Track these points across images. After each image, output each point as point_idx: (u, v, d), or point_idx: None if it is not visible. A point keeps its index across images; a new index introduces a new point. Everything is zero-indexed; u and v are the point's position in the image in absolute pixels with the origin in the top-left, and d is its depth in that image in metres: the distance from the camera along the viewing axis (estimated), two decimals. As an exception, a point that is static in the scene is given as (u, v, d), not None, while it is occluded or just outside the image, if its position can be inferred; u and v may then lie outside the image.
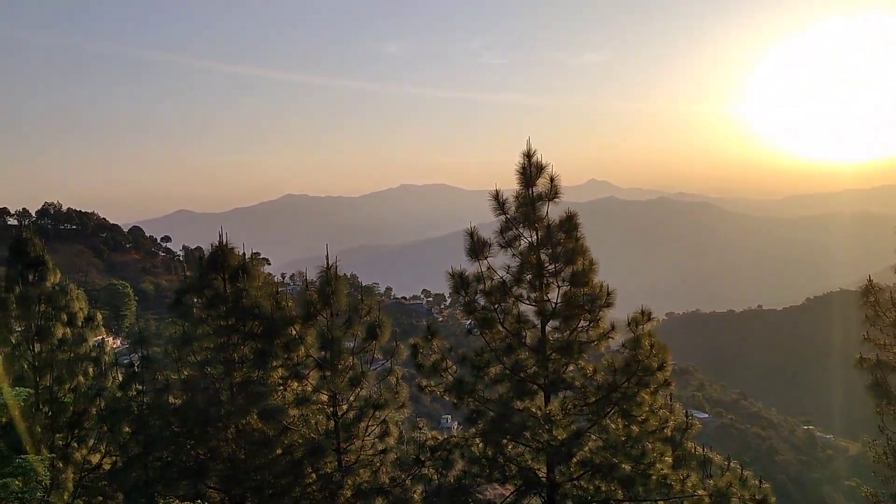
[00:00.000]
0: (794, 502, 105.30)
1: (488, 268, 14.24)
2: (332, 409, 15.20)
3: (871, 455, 16.02)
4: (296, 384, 15.31)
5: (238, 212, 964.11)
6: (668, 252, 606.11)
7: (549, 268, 13.87)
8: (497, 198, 14.05)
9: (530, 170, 13.69)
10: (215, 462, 15.46)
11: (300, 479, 15.10)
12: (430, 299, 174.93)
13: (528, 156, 13.67)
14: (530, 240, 13.96)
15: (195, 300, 15.96)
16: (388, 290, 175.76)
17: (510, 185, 14.01)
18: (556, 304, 13.84)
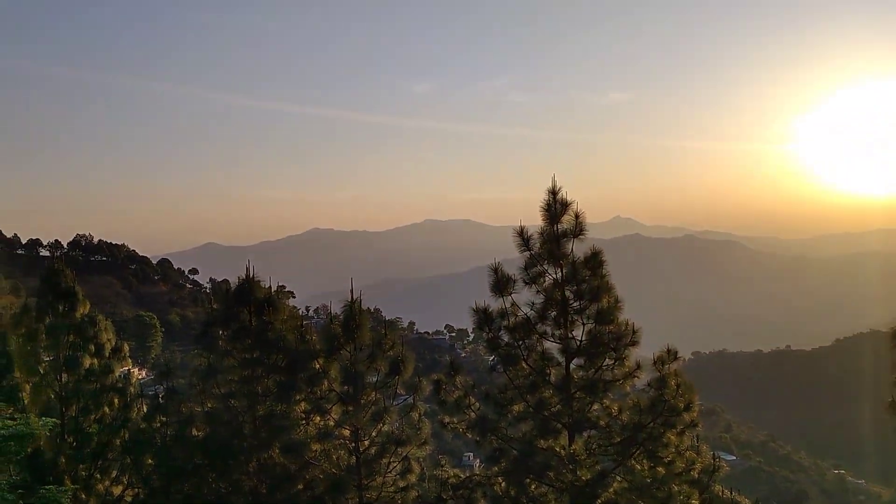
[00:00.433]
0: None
1: (512, 304, 14.19)
2: (353, 444, 15.11)
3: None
4: (318, 418, 15.28)
5: (264, 245, 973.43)
6: (694, 290, 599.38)
7: (574, 305, 13.80)
8: (522, 234, 14.06)
9: (555, 206, 13.70)
10: (237, 496, 15.39)
11: (321, 516, 14.97)
12: (453, 335, 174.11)
13: (553, 192, 13.71)
14: (555, 276, 13.91)
15: (221, 332, 16.08)
16: (411, 324, 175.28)
17: (535, 221, 13.94)
18: (580, 341, 13.74)
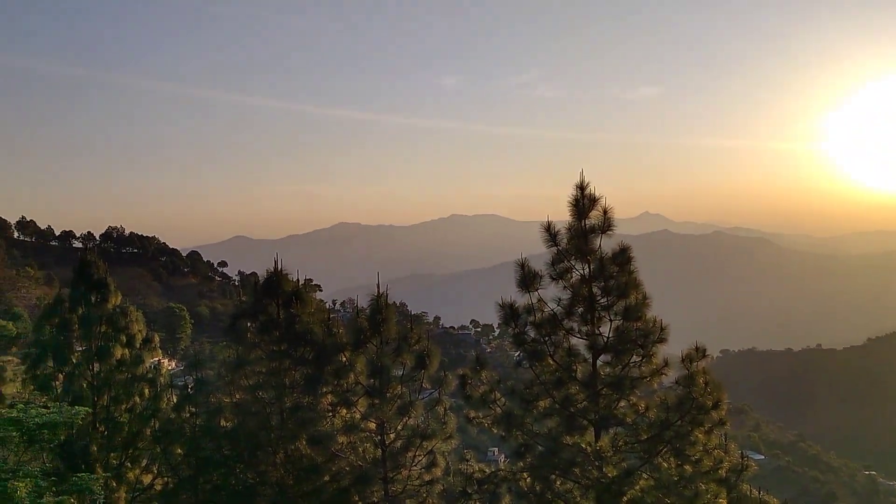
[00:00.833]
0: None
1: (539, 300, 14.11)
2: (379, 437, 15.20)
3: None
4: (345, 411, 15.38)
5: (292, 238, 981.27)
6: (723, 287, 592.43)
7: (602, 301, 13.70)
8: (549, 229, 13.95)
9: (583, 201, 13.60)
10: (264, 487, 15.57)
11: (346, 508, 15.07)
12: (479, 330, 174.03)
13: (582, 187, 13.60)
14: (582, 272, 13.81)
15: (249, 325, 16.24)
16: (437, 319, 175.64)
17: (562, 216, 13.90)
18: (607, 338, 13.64)
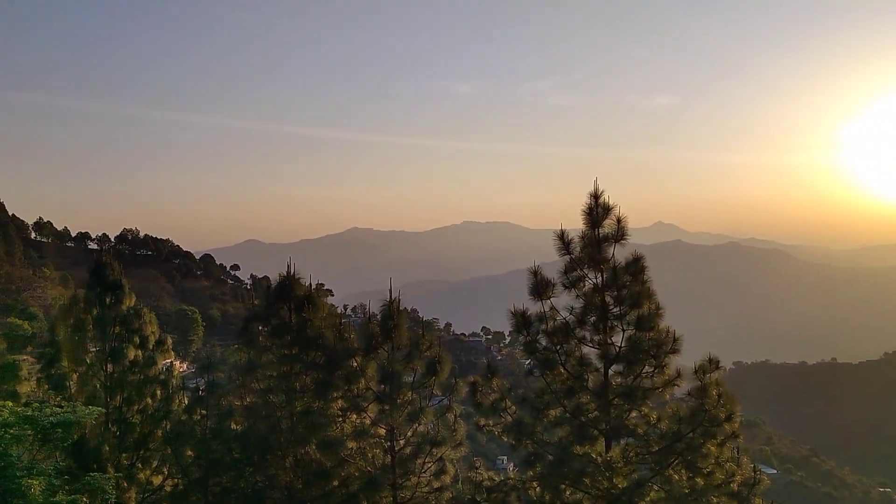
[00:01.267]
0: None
1: (551, 308, 14.07)
2: (389, 443, 15.18)
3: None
4: (355, 416, 15.38)
5: (305, 243, 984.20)
6: (737, 298, 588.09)
7: (614, 310, 13.64)
8: (562, 237, 13.93)
9: (597, 210, 13.57)
10: (273, 490, 15.59)
11: (355, 513, 15.07)
12: (490, 337, 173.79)
13: (595, 196, 13.57)
14: (595, 281, 13.77)
15: (261, 328, 16.30)
16: (448, 325, 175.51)
17: (575, 224, 13.85)
18: (620, 347, 13.58)
